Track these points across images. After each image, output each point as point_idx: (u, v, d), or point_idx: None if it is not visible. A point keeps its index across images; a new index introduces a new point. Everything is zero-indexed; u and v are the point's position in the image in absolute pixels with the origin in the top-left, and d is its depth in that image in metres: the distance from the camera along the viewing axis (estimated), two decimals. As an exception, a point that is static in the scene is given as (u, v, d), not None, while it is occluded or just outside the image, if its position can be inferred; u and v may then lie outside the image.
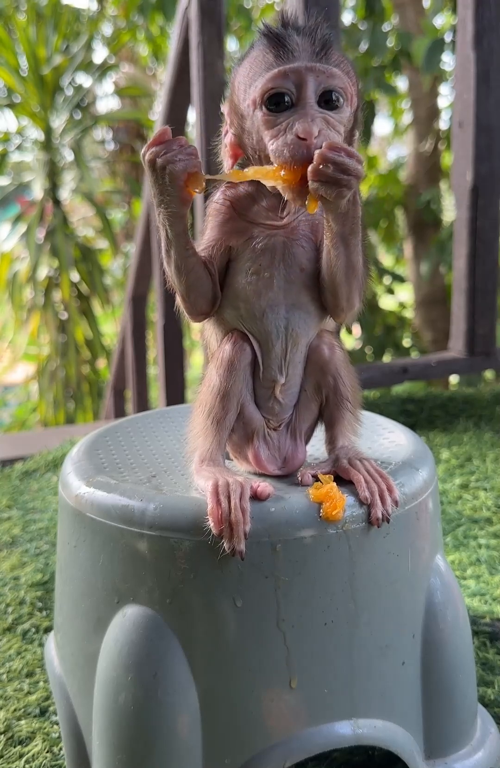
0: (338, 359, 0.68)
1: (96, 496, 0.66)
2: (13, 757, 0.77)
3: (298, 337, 0.66)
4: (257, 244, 0.65)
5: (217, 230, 0.67)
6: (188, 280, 0.65)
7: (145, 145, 0.60)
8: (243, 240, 0.66)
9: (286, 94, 0.60)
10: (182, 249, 0.63)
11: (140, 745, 0.61)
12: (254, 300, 0.65)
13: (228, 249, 0.67)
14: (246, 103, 0.63)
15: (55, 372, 4.52)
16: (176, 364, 2.35)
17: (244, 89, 0.64)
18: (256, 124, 0.62)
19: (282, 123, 0.60)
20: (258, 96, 0.61)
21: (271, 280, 0.65)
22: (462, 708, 0.71)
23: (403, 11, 3.61)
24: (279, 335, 0.66)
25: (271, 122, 0.61)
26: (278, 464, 0.69)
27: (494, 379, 3.42)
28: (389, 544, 0.63)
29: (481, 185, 1.77)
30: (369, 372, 1.81)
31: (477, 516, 1.26)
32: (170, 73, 2.00)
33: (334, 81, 0.61)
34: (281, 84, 0.60)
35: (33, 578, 1.13)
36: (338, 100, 0.61)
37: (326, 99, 0.61)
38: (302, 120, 0.59)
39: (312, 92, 0.60)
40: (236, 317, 0.67)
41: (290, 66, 0.60)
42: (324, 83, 0.61)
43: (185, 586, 0.60)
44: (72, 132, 4.61)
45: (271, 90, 0.61)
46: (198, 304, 0.67)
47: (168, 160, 0.58)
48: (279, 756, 0.60)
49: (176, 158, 0.58)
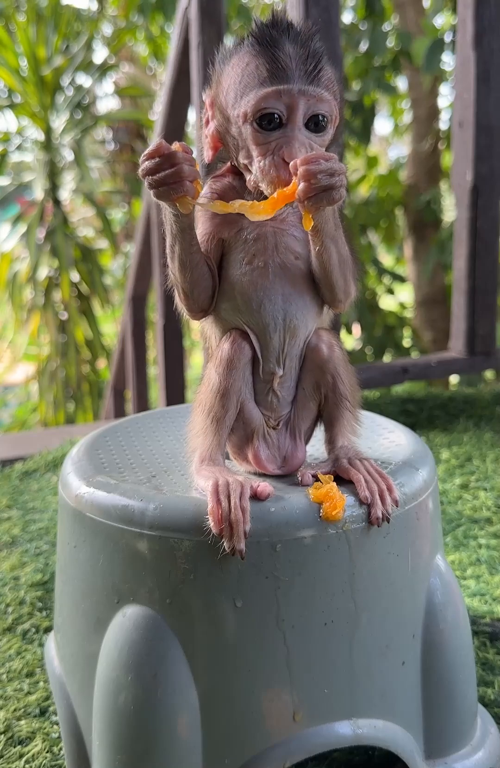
0: (337, 358, 0.68)
1: (96, 496, 0.66)
2: (13, 757, 0.77)
3: (296, 329, 0.66)
4: (249, 234, 0.66)
5: (208, 223, 0.68)
6: (192, 276, 0.66)
7: (143, 153, 0.60)
8: (234, 231, 0.66)
9: (277, 114, 0.62)
10: (187, 244, 0.64)
11: (140, 745, 0.61)
12: (250, 291, 0.66)
13: (221, 242, 0.67)
14: (235, 112, 0.64)
15: (55, 372, 4.51)
16: (176, 364, 2.35)
17: (233, 96, 0.64)
18: (244, 135, 0.64)
19: (271, 143, 0.62)
20: (250, 112, 0.63)
21: (266, 269, 0.65)
22: (462, 708, 0.71)
23: (403, 11, 3.61)
24: (277, 327, 0.66)
25: (260, 139, 0.63)
26: (277, 464, 0.69)
27: (494, 379, 3.42)
28: (389, 544, 0.63)
29: (481, 185, 1.77)
30: (369, 372, 1.81)
31: (477, 516, 1.26)
32: (170, 73, 2.00)
33: (322, 106, 0.63)
34: (273, 105, 0.62)
35: (33, 578, 1.13)
36: (324, 123, 0.64)
37: (315, 122, 0.63)
38: (288, 145, 0.62)
39: (301, 116, 0.63)
40: (233, 311, 0.67)
41: (284, 88, 0.62)
42: (313, 107, 0.63)
43: (185, 586, 0.60)
44: (72, 132, 4.61)
45: (263, 110, 0.62)
46: (201, 300, 0.68)
47: (153, 183, 0.59)
48: (279, 756, 0.60)
49: (163, 182, 0.59)
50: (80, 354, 4.60)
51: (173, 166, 0.58)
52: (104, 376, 4.67)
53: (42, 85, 4.46)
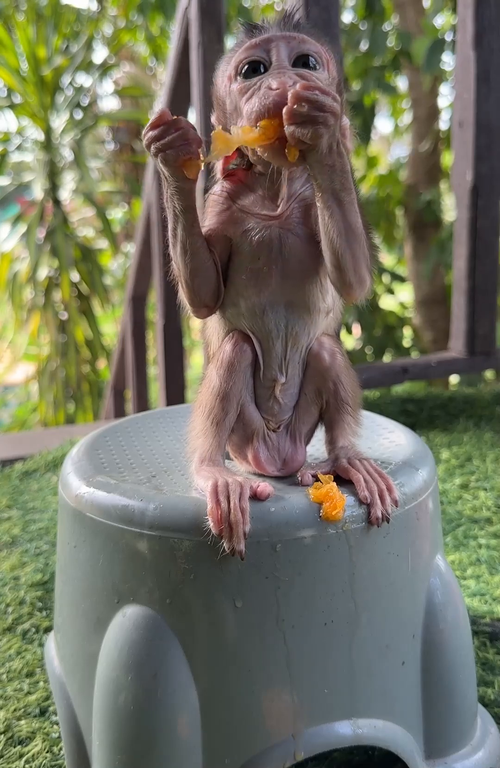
0: (339, 365, 0.68)
1: (96, 496, 0.66)
2: (13, 757, 0.77)
3: (298, 337, 0.66)
4: (254, 237, 0.65)
5: (214, 219, 0.67)
6: (193, 263, 0.65)
7: (145, 126, 0.60)
8: (240, 231, 0.65)
9: (259, 62, 0.62)
10: (189, 226, 0.63)
11: (140, 745, 0.61)
12: (253, 297, 0.65)
13: (227, 240, 0.66)
14: (224, 84, 0.65)
15: (55, 372, 4.52)
16: (176, 364, 2.35)
17: (222, 73, 0.66)
18: (233, 99, 0.63)
19: (256, 84, 0.61)
20: (233, 69, 0.63)
21: (270, 275, 0.65)
22: (462, 708, 0.71)
23: (403, 11, 3.61)
24: (279, 334, 0.66)
25: (246, 88, 0.62)
26: (277, 466, 0.69)
27: (494, 379, 3.42)
28: (389, 544, 0.63)
29: (481, 185, 1.77)
30: (369, 372, 1.80)
31: (477, 516, 1.26)
32: (170, 73, 2.00)
33: (306, 45, 0.62)
34: (252, 53, 0.62)
35: (33, 578, 1.13)
36: (314, 62, 0.62)
37: (303, 62, 0.62)
38: (274, 76, 0.60)
39: (285, 56, 0.62)
40: (237, 315, 0.67)
41: (261, 37, 0.63)
42: (296, 48, 0.62)
43: (185, 586, 0.60)
44: (72, 132, 4.61)
45: (244, 60, 0.62)
46: (202, 293, 0.67)
47: (160, 147, 0.58)
48: (279, 756, 0.60)
49: (170, 145, 0.58)
50: (80, 354, 4.60)
51: (178, 130, 0.58)
52: (104, 376, 4.67)
53: (42, 85, 4.46)
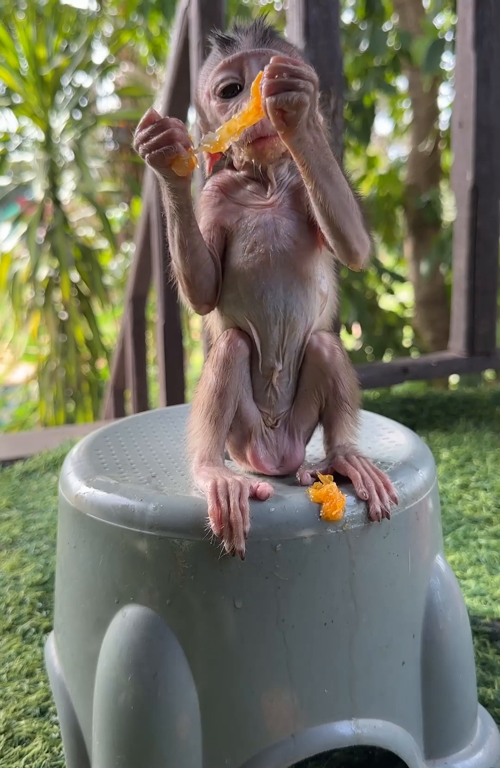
0: (339, 362, 0.68)
1: (96, 496, 0.66)
2: (13, 757, 0.77)
3: (296, 322, 0.66)
4: (249, 222, 0.67)
5: (210, 213, 0.69)
6: (192, 260, 0.66)
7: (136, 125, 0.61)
8: (235, 220, 0.68)
9: (234, 82, 0.66)
10: (186, 224, 0.64)
11: (140, 745, 0.61)
12: (252, 279, 0.66)
13: (223, 231, 0.68)
14: (203, 99, 0.70)
15: (55, 372, 4.51)
16: (176, 364, 2.35)
17: (200, 87, 0.71)
18: (213, 113, 0.68)
19: (232, 106, 0.66)
20: (211, 89, 0.68)
21: (267, 256, 0.65)
22: (462, 708, 0.71)
23: (403, 11, 3.61)
24: (277, 318, 0.66)
25: (224, 108, 0.67)
26: (276, 463, 0.69)
27: (494, 379, 3.42)
28: (389, 544, 0.63)
29: (481, 185, 1.77)
30: (369, 372, 1.80)
31: (477, 516, 1.26)
32: (170, 73, 2.00)
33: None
34: (227, 75, 0.67)
35: (33, 578, 1.13)
36: None
37: None
38: (247, 98, 0.63)
39: (257, 74, 0.63)
40: (235, 303, 0.67)
41: (233, 56, 0.66)
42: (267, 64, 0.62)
43: (185, 586, 0.60)
44: (72, 132, 4.61)
45: (220, 83, 0.67)
46: (203, 288, 0.68)
47: (146, 148, 0.60)
48: (279, 756, 0.60)
49: (156, 145, 0.59)
50: (80, 354, 4.60)
51: (164, 130, 0.59)
52: (104, 376, 4.67)
53: (42, 85, 4.46)
